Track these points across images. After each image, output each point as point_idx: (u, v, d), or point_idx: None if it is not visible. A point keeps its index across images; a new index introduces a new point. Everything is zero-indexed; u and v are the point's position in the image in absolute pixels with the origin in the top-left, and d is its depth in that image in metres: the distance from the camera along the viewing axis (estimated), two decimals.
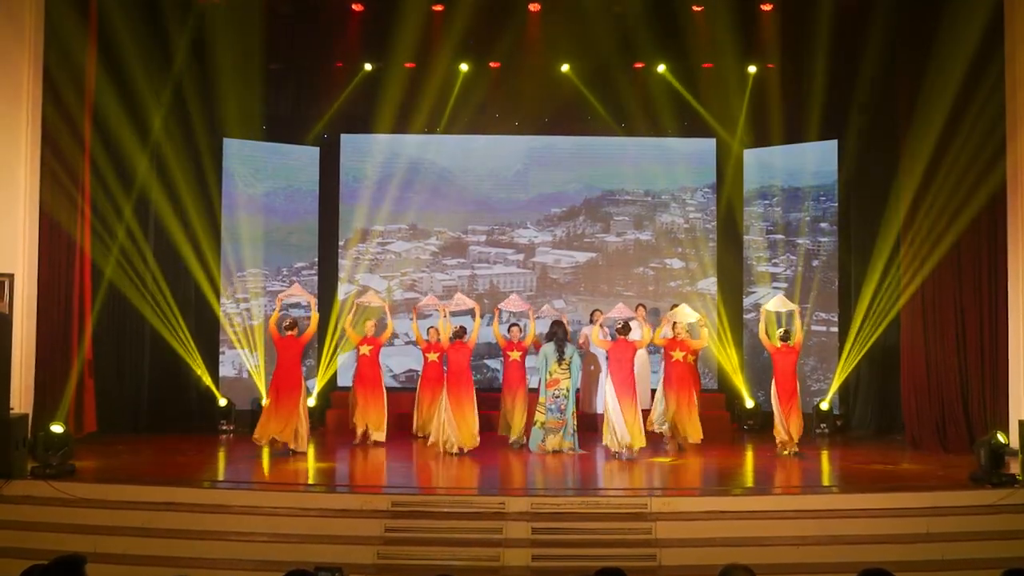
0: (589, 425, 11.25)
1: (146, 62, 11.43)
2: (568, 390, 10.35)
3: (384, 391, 10.94)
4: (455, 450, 10.03)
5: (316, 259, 13.36)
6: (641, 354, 12.28)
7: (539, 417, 10.36)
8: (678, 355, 10.56)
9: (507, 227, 13.68)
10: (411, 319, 11.43)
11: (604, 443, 10.04)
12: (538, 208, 13.71)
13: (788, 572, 7.06)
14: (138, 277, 11.54)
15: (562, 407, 10.33)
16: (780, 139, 12.81)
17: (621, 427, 9.82)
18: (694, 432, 10.38)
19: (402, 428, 11.43)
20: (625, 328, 10.35)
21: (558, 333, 10.48)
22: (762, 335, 10.63)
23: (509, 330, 11.09)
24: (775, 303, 10.75)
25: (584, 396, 11.65)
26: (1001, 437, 8.52)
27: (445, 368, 10.47)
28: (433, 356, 11.13)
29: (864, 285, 11.68)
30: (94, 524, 7.63)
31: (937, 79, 10.25)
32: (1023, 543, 7.36)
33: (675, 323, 10.66)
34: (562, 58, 12.82)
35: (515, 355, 10.89)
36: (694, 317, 10.74)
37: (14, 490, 8.06)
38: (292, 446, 10.03)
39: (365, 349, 10.94)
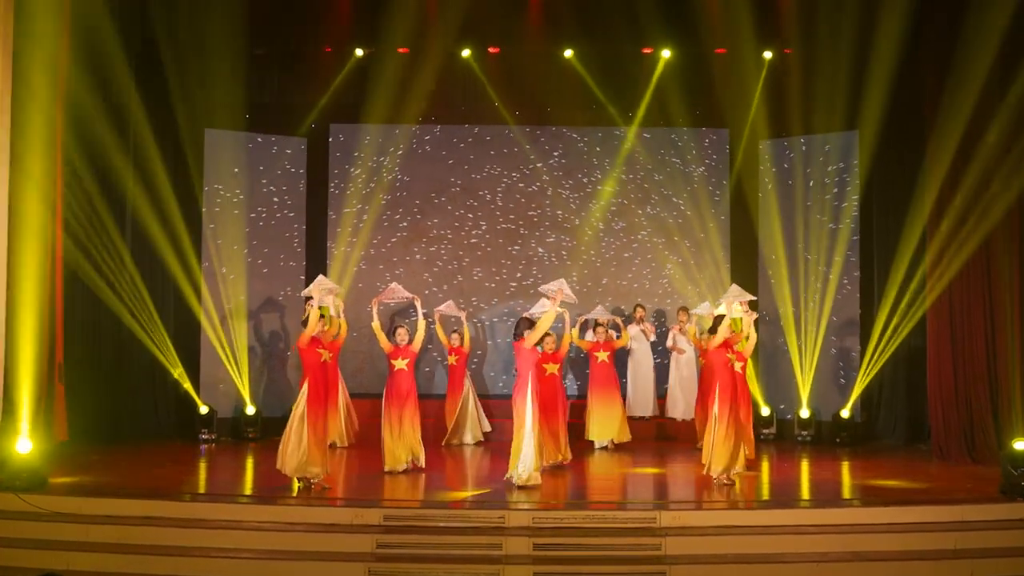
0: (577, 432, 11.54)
1: (123, 47, 11.41)
2: None
3: (342, 408, 9.76)
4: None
5: (304, 256, 13.34)
6: (646, 357, 12.38)
7: None
8: (737, 366, 9.48)
9: (507, 221, 13.66)
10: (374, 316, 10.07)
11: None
12: (539, 202, 13.69)
13: None
14: (114, 276, 11.52)
15: None
16: (797, 130, 12.78)
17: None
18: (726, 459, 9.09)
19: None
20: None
21: None
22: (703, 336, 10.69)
23: (542, 339, 9.45)
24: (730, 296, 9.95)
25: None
26: (1021, 444, 8.48)
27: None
28: (402, 363, 9.91)
29: (887, 285, 11.67)
30: (67, 540, 7.61)
31: (965, 66, 10.23)
32: None
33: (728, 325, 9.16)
34: (565, 43, 12.81)
35: (552, 368, 9.83)
36: (738, 313, 9.46)
37: None
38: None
39: (327, 355, 9.58)
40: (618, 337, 11.82)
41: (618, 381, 11.73)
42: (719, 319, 9.23)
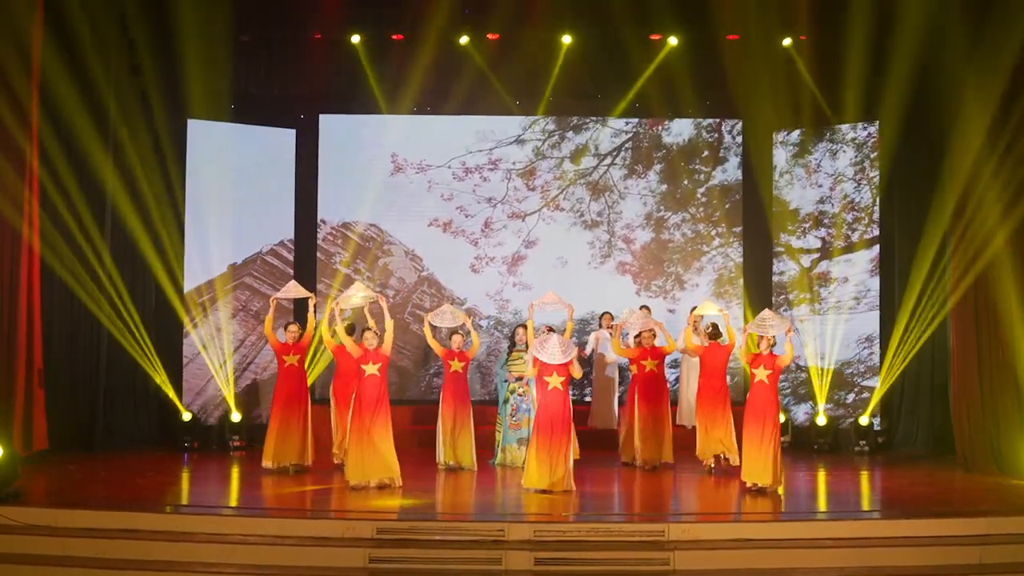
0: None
1: (100, 33, 11.42)
2: None
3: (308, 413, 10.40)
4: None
5: (293, 254, 13.33)
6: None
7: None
8: (763, 375, 9.39)
9: (507, 217, 13.67)
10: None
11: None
12: (541, 196, 13.70)
13: None
14: (92, 275, 11.52)
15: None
16: (814, 120, 12.78)
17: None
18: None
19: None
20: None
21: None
22: (689, 340, 10.54)
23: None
24: (705, 306, 10.75)
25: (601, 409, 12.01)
26: None
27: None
28: (372, 369, 9.40)
29: (908, 284, 11.68)
30: (43, 554, 7.60)
31: (991, 53, 10.24)
32: None
33: (765, 336, 9.43)
34: (568, 29, 12.81)
35: (555, 381, 9.26)
36: (780, 328, 9.39)
37: None
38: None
39: (292, 359, 10.36)
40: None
41: (668, 394, 10.90)
42: (715, 326, 9.89)
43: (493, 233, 13.66)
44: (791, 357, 9.58)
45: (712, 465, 10.37)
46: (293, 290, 10.77)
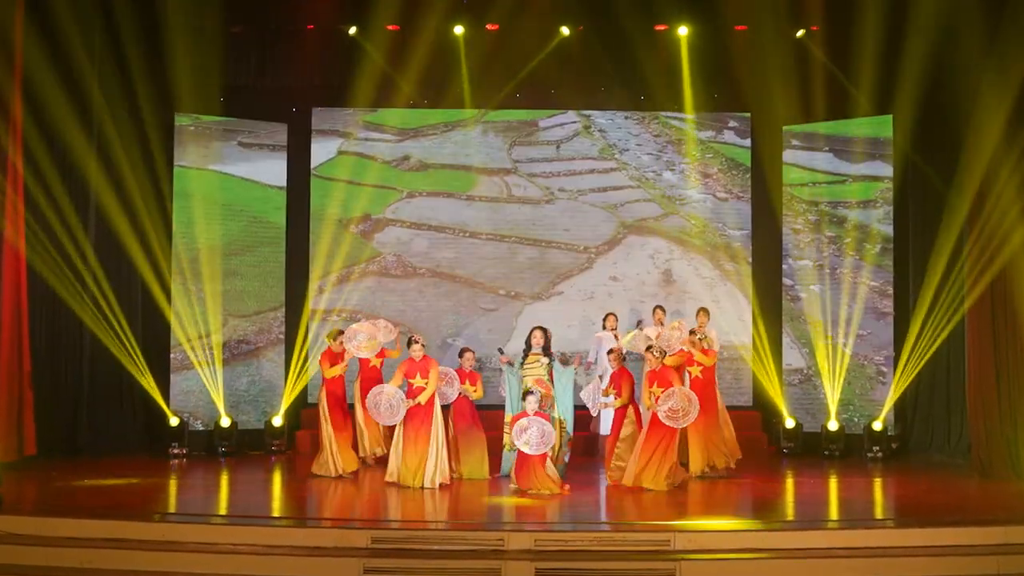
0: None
1: (85, 24, 11.41)
2: None
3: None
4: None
5: (284, 254, 13.32)
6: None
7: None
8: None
9: (507, 216, 13.67)
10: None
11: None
12: (543, 195, 13.70)
13: None
14: (76, 276, 11.52)
15: None
16: (826, 114, 12.77)
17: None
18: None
19: None
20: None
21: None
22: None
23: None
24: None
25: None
26: None
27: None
28: (421, 382, 9.95)
29: (924, 284, 11.67)
30: (25, 564, 7.60)
31: (1011, 42, 10.23)
32: None
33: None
34: (571, 19, 12.80)
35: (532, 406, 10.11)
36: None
37: None
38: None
39: (339, 369, 10.77)
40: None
41: (716, 399, 10.93)
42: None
43: (493, 231, 13.66)
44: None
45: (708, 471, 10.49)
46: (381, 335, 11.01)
